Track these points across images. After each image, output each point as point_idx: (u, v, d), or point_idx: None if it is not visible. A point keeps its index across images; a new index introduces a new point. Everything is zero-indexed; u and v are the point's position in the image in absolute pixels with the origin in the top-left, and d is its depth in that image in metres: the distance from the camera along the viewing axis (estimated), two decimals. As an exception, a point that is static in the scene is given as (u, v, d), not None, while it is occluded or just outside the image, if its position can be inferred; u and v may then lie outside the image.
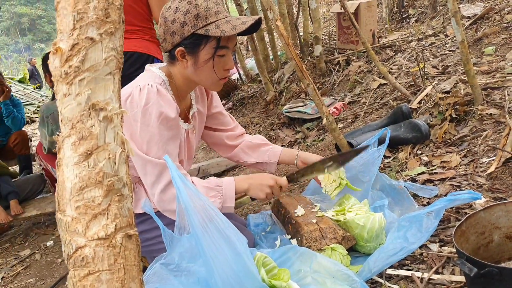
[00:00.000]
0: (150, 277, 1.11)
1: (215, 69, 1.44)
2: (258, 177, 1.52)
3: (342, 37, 4.19)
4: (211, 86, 1.52)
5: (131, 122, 1.38)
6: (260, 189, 1.49)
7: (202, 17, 1.37)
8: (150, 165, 1.37)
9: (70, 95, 0.72)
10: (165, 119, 1.38)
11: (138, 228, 1.51)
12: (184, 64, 1.45)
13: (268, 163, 1.77)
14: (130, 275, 0.72)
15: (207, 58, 1.42)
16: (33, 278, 2.53)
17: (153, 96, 1.37)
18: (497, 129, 1.95)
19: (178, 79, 1.50)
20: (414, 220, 1.43)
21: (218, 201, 1.42)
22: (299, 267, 1.23)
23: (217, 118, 1.77)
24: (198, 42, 1.40)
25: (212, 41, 1.40)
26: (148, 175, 1.38)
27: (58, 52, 0.71)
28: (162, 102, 1.38)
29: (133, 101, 1.37)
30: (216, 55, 1.42)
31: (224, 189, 1.44)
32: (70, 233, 0.70)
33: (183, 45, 1.41)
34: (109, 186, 0.72)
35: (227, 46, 1.43)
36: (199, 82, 1.50)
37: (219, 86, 1.52)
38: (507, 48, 2.91)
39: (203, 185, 1.43)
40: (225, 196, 1.43)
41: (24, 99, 10.51)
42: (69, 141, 0.72)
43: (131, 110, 1.37)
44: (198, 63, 1.43)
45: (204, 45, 1.40)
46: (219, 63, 1.44)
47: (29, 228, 3.32)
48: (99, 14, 0.72)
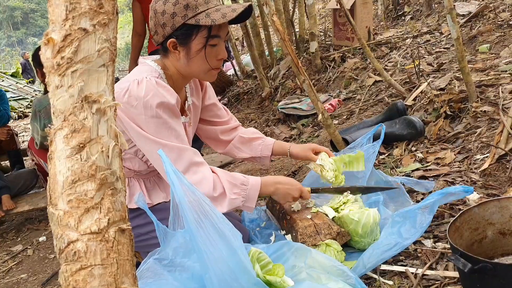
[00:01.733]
0: (143, 272, 1.10)
1: (208, 59, 1.42)
2: (286, 183, 1.51)
3: (338, 34, 4.19)
4: (204, 77, 1.50)
5: (134, 117, 1.35)
6: (284, 196, 1.51)
7: (192, 6, 1.36)
8: (167, 149, 1.35)
9: (63, 87, 0.70)
10: (167, 107, 1.37)
11: (131, 223, 1.50)
12: (176, 55, 1.44)
13: (262, 157, 1.76)
14: (123, 270, 0.71)
15: (199, 48, 1.40)
16: (25, 274, 2.51)
17: (152, 87, 1.35)
18: (491, 126, 1.96)
19: (172, 71, 1.49)
20: (408, 215, 1.43)
21: (241, 199, 1.39)
22: (293, 263, 1.23)
23: (211, 110, 1.76)
24: (189, 32, 1.39)
25: (203, 31, 1.38)
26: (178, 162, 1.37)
27: (50, 43, 0.70)
28: (162, 91, 1.36)
29: (132, 95, 1.35)
30: (208, 45, 1.40)
31: (249, 189, 1.41)
32: (62, 227, 0.69)
33: (174, 36, 1.40)
34: (102, 179, 0.70)
35: (218, 35, 1.41)
36: (192, 73, 1.48)
37: (213, 77, 1.50)
38: (501, 46, 2.92)
39: (227, 180, 1.40)
40: (248, 196, 1.41)
41: (17, 93, 10.41)
42: (61, 134, 0.70)
43: (130, 104, 1.35)
44: (191, 54, 1.41)
45: (196, 35, 1.39)
46: (211, 52, 1.42)
47: (21, 224, 3.30)
48: (92, 4, 0.71)
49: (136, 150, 1.48)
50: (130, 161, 1.51)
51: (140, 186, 1.54)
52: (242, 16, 1.41)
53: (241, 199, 1.40)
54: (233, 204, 1.39)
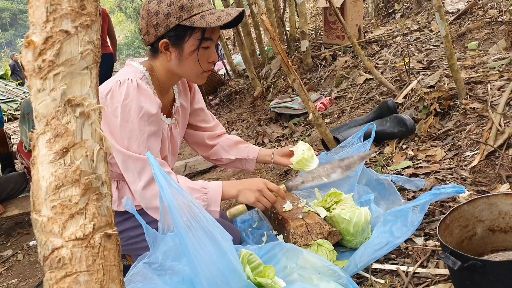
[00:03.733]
0: (133, 276, 1.09)
1: (200, 61, 1.43)
2: (247, 182, 1.47)
3: (329, 32, 4.19)
4: (195, 79, 1.50)
5: (111, 118, 1.35)
6: (249, 193, 1.43)
7: (187, 8, 1.36)
8: (131, 161, 1.34)
9: (45, 90, 0.69)
10: (145, 114, 1.35)
11: (122, 225, 1.51)
12: (167, 56, 1.43)
13: (247, 159, 1.75)
14: (110, 276, 0.70)
15: (192, 50, 1.40)
16: (15, 279, 2.48)
17: (133, 91, 1.34)
18: (480, 123, 1.97)
19: (160, 73, 1.48)
20: (399, 214, 1.43)
21: (202, 203, 1.38)
22: (285, 263, 1.22)
23: (199, 114, 1.75)
24: (182, 33, 1.38)
25: (197, 33, 1.39)
26: (129, 171, 1.36)
27: (31, 46, 0.68)
28: (142, 98, 1.35)
29: (114, 97, 1.34)
30: (201, 47, 1.41)
31: (210, 192, 1.40)
32: (46, 234, 0.67)
33: (167, 37, 1.39)
34: (86, 184, 0.69)
35: (211, 38, 1.42)
36: (183, 74, 1.48)
37: (203, 79, 1.50)
38: (490, 43, 2.94)
39: (188, 185, 1.40)
40: (210, 199, 1.40)
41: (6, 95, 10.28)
42: (44, 139, 0.69)
43: (112, 105, 1.34)
44: (183, 55, 1.41)
45: (189, 36, 1.39)
46: (203, 55, 1.43)
47: (11, 228, 3.25)
48: (74, 5, 0.69)
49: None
50: (116, 166, 1.49)
51: (129, 189, 1.53)
52: (234, 21, 1.41)
53: (203, 203, 1.38)
54: None
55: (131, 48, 26.42)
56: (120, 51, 26.84)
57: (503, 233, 1.25)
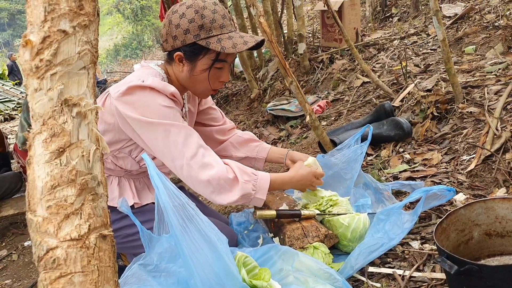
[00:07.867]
0: (128, 278, 1.08)
1: (210, 80, 1.45)
2: (297, 178, 1.52)
3: (326, 35, 4.20)
4: (200, 94, 1.54)
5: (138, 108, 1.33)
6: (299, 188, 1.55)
7: (206, 28, 1.37)
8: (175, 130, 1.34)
9: (41, 90, 0.69)
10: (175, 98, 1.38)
11: (119, 223, 1.50)
12: (180, 67, 1.45)
13: (257, 158, 1.75)
14: (105, 277, 0.69)
15: (204, 68, 1.42)
16: (10, 279, 2.46)
17: (160, 82, 1.36)
18: (477, 127, 1.98)
19: (173, 79, 1.51)
20: (391, 212, 1.44)
21: (251, 187, 1.36)
22: (281, 266, 1.22)
23: (208, 113, 1.77)
24: (197, 51, 1.40)
25: (212, 54, 1.40)
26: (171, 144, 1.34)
27: (28, 45, 0.68)
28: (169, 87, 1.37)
29: (136, 89, 1.34)
30: (214, 67, 1.42)
31: (260, 179, 1.39)
32: (41, 234, 0.67)
33: (182, 50, 1.41)
34: (82, 184, 0.69)
35: (225, 60, 1.44)
36: (190, 87, 1.51)
37: (207, 96, 1.55)
38: (486, 47, 2.96)
39: (237, 166, 1.38)
40: (259, 186, 1.38)
41: (3, 95, 10.24)
42: (40, 138, 0.69)
43: (130, 106, 1.34)
44: (194, 71, 1.43)
45: (203, 55, 1.41)
46: (215, 74, 1.45)
47: (6, 228, 3.23)
48: (72, 5, 0.69)
49: (131, 149, 1.47)
50: (123, 160, 1.50)
51: (130, 186, 1.53)
52: (252, 47, 1.42)
53: (252, 187, 1.36)
54: (245, 189, 1.35)
55: (128, 49, 26.39)
56: (117, 52, 26.81)
57: (499, 237, 1.25)
